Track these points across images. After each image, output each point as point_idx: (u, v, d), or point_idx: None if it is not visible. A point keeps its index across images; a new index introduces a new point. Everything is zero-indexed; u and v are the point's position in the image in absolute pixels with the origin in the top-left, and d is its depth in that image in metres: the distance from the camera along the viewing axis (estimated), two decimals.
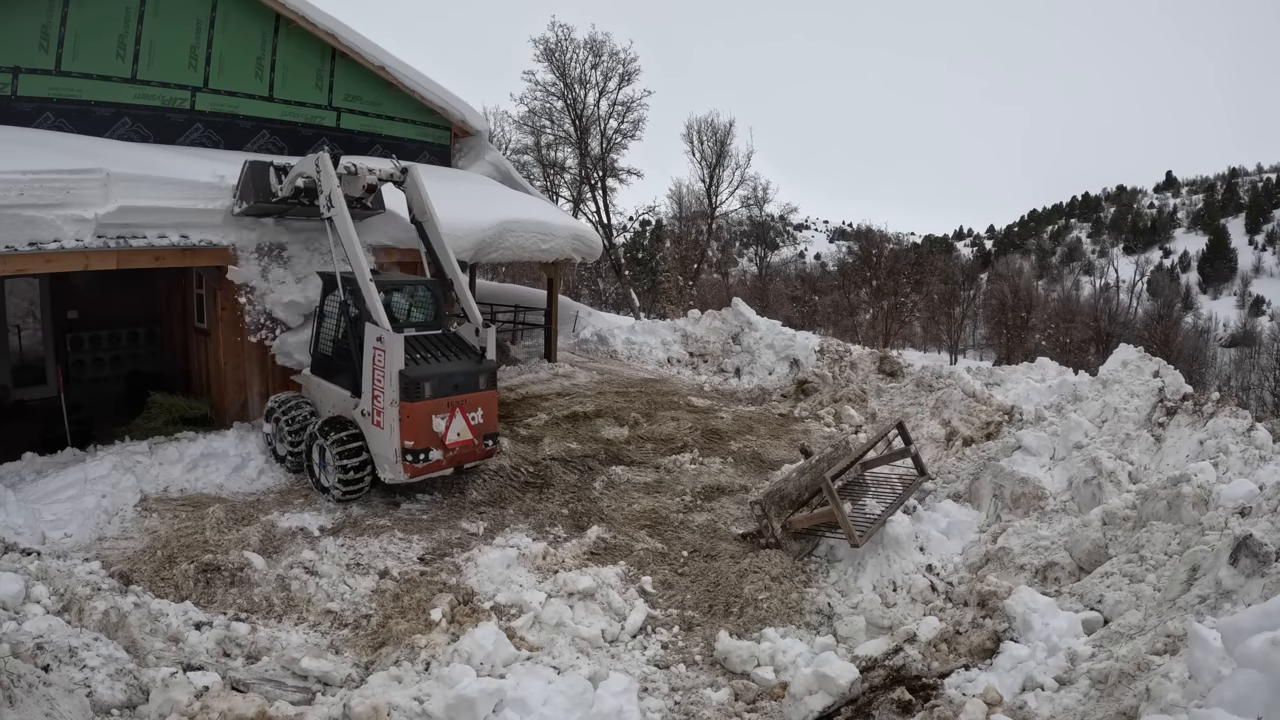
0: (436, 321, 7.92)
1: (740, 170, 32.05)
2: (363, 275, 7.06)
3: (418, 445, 6.84)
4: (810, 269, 66.92)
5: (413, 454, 6.83)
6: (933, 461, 8.59)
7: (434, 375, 6.98)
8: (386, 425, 6.89)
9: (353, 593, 5.74)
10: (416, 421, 6.82)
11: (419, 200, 8.14)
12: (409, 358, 6.94)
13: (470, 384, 7.31)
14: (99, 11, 9.15)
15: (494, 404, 7.63)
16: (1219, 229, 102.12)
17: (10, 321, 11.13)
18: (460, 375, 7.24)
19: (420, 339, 7.38)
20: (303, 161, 7.67)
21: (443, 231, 8.22)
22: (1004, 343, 47.81)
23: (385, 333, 6.83)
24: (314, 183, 7.47)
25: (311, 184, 7.54)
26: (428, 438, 6.91)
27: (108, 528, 6.46)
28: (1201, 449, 6.94)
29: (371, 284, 7.03)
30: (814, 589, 6.20)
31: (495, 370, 7.70)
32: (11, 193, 6.60)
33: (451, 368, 7.24)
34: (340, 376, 7.64)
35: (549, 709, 4.16)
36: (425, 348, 7.30)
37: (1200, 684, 3.14)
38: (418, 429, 6.83)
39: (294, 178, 7.75)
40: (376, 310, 6.94)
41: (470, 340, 7.76)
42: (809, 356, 13.21)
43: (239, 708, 3.83)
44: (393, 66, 12.07)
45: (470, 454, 7.38)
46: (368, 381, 7.07)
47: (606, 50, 27.10)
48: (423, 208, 8.13)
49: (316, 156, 7.38)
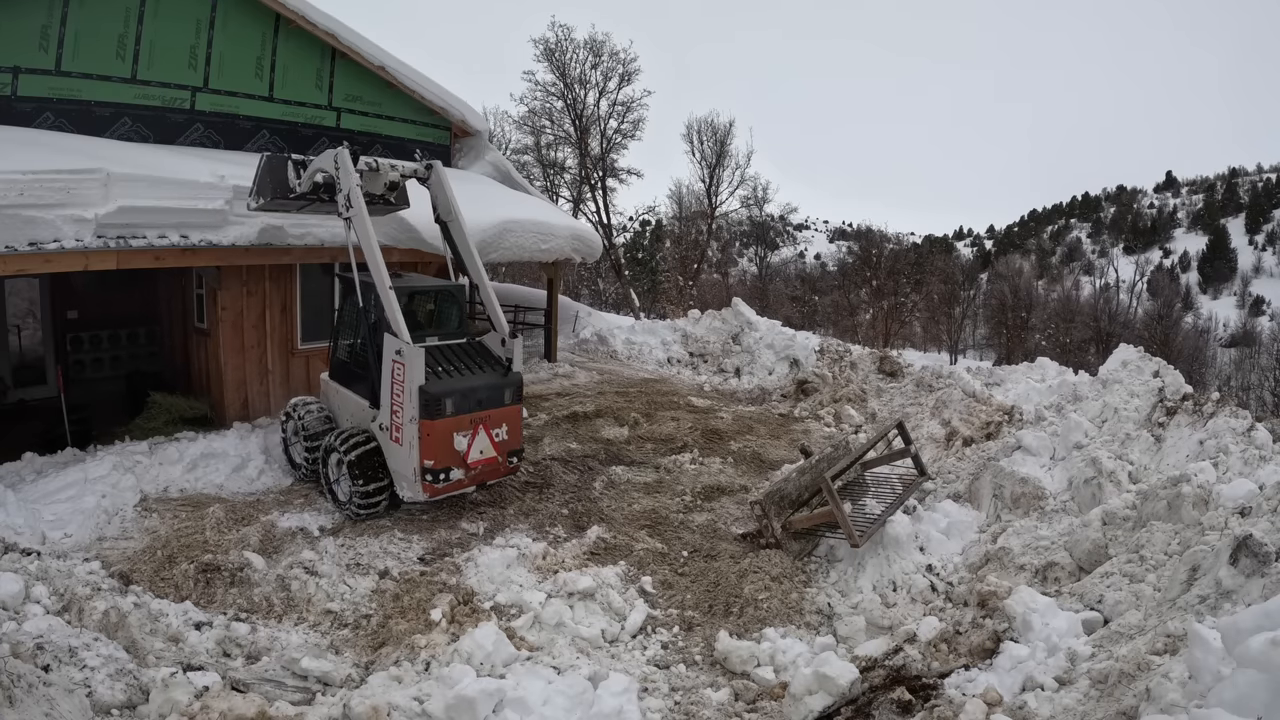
0: (460, 330, 7.53)
1: (740, 170, 32.10)
2: (382, 281, 6.58)
3: (438, 465, 6.44)
4: (810, 269, 66.98)
5: (433, 474, 6.44)
6: (933, 461, 8.59)
7: (456, 391, 6.55)
8: (405, 442, 6.50)
9: (353, 593, 5.73)
10: (437, 440, 6.40)
11: (444, 199, 7.63)
12: (430, 371, 6.51)
13: (495, 399, 6.85)
14: (99, 11, 9.14)
15: (519, 419, 7.20)
16: (1219, 229, 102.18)
17: (10, 321, 11.13)
18: (485, 390, 6.77)
19: (442, 349, 6.95)
20: (322, 157, 7.22)
21: (469, 232, 7.71)
22: (1004, 343, 47.82)
23: (405, 345, 6.40)
24: (333, 179, 7.06)
25: (330, 180, 7.15)
26: (449, 457, 6.50)
27: (108, 528, 6.46)
28: (1201, 449, 6.94)
29: (391, 291, 6.55)
30: (814, 589, 6.20)
31: (521, 384, 7.25)
32: (11, 193, 6.58)
33: (475, 382, 6.77)
34: (359, 385, 7.28)
35: (549, 709, 4.16)
36: (448, 359, 6.88)
37: (1200, 684, 3.14)
38: (438, 447, 6.41)
39: (313, 172, 7.33)
40: (396, 320, 6.47)
41: (496, 350, 7.27)
42: (809, 356, 13.21)
43: (239, 708, 3.83)
44: (393, 66, 12.07)
45: (493, 471, 6.99)
46: (386, 395, 6.66)
47: (606, 50, 27.14)
48: (448, 207, 7.63)
49: (336, 152, 6.96)
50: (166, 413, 9.01)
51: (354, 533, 6.66)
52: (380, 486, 6.73)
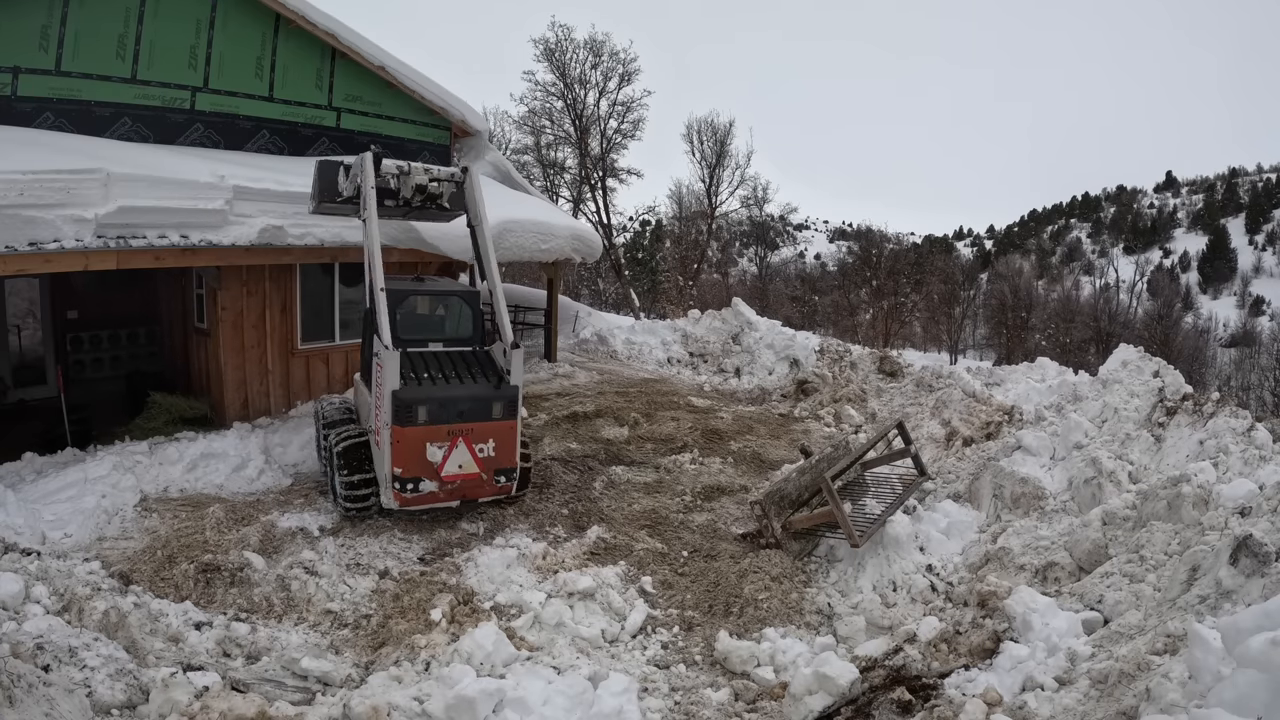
0: (472, 338, 7.36)
1: (740, 170, 32.11)
2: (375, 282, 6.60)
3: (406, 474, 6.25)
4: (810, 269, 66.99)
5: (400, 482, 6.26)
6: (933, 461, 8.59)
7: (432, 399, 6.30)
8: (383, 446, 6.40)
9: (353, 593, 5.73)
10: (406, 447, 6.20)
11: (474, 205, 7.54)
12: (412, 377, 6.39)
13: (480, 412, 6.51)
14: (99, 11, 9.14)
15: (513, 435, 6.73)
16: (1219, 229, 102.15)
17: (10, 321, 11.13)
18: (467, 401, 6.47)
19: (438, 356, 6.85)
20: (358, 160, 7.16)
21: (490, 237, 7.58)
22: (1004, 343, 47.82)
23: (383, 348, 6.32)
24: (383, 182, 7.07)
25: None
26: (420, 467, 6.27)
27: (108, 528, 6.45)
28: (1201, 449, 6.94)
29: (382, 292, 6.55)
30: (814, 589, 6.20)
31: (516, 398, 6.81)
32: (11, 193, 6.58)
33: (458, 392, 6.50)
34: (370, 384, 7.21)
35: (549, 709, 4.16)
36: (440, 366, 6.72)
37: (1200, 684, 3.14)
38: (408, 456, 6.21)
39: (353, 176, 7.29)
40: (380, 320, 6.46)
41: (500, 361, 6.99)
42: (809, 356, 13.21)
43: (239, 708, 3.83)
44: (393, 66, 12.06)
45: (475, 489, 6.63)
46: (373, 397, 6.68)
47: (606, 50, 27.15)
48: (477, 212, 7.49)
49: (361, 155, 6.97)
50: (166, 413, 9.00)
51: (354, 533, 6.66)
52: (365, 479, 6.63)
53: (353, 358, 10.40)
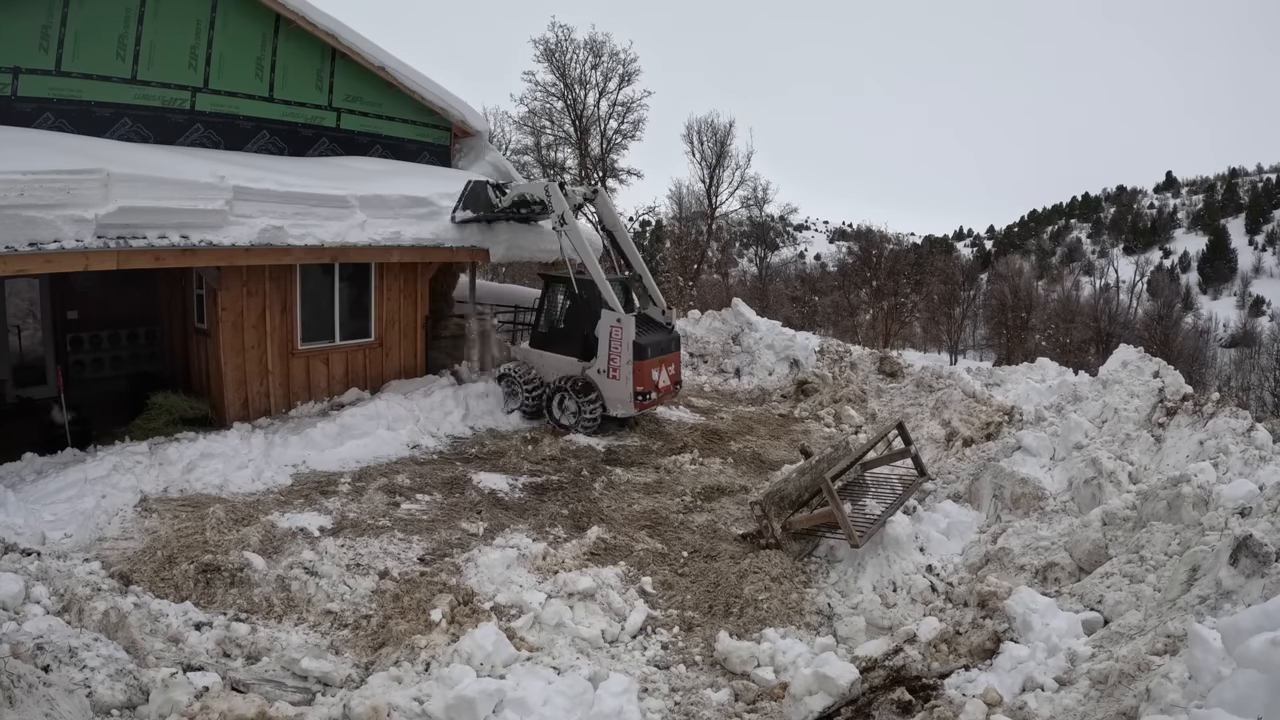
0: (629, 306, 10.30)
1: (740, 170, 32.14)
2: (600, 276, 9.58)
3: (644, 389, 9.63)
4: (810, 269, 66.94)
5: (641, 394, 9.59)
6: (933, 462, 8.60)
7: (652, 342, 9.80)
8: (622, 377, 9.57)
9: (353, 593, 5.73)
10: (644, 373, 9.59)
11: (609, 214, 10.81)
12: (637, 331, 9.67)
13: (669, 347, 10.20)
14: (99, 12, 9.14)
15: (679, 359, 10.53)
16: (1219, 229, 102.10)
17: (10, 321, 11.12)
18: (664, 342, 10.11)
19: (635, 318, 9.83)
20: (527, 185, 10.69)
21: (629, 237, 10.92)
22: (1004, 343, 47.79)
23: (622, 315, 9.52)
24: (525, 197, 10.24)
25: (522, 197, 10.25)
26: (649, 384, 9.70)
27: (108, 528, 6.45)
28: (1201, 449, 6.94)
29: (608, 282, 9.61)
30: (814, 589, 6.20)
31: (679, 337, 10.74)
32: (11, 193, 6.57)
33: (658, 337, 10.05)
34: (563, 347, 10.25)
35: (549, 709, 4.16)
36: (640, 324, 9.86)
37: (1200, 684, 3.14)
38: (644, 378, 9.62)
39: (514, 195, 10.27)
40: (613, 300, 9.55)
41: (656, 318, 10.51)
42: (809, 357, 13.22)
43: (239, 708, 3.83)
44: (393, 67, 12.07)
45: (670, 393, 10.34)
46: (604, 349, 9.66)
47: (606, 51, 27.18)
48: (613, 220, 10.81)
49: (545, 184, 10.02)
50: (166, 413, 8.99)
51: (354, 533, 6.66)
52: (594, 405, 9.72)
53: (353, 358, 10.41)
